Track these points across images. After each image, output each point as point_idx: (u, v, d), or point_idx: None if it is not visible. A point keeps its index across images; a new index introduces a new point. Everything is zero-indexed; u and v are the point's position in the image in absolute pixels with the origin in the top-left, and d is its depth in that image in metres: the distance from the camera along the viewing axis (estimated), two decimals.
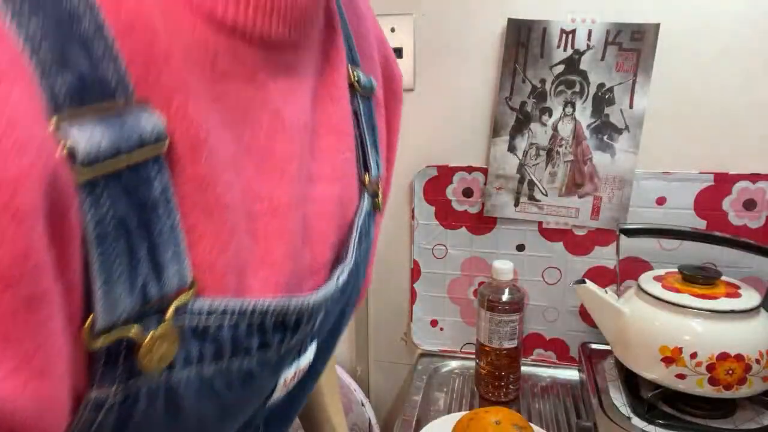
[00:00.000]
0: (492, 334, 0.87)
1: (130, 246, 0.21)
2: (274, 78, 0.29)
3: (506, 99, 0.91)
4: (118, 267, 0.21)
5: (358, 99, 0.38)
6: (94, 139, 0.19)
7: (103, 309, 0.21)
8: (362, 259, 0.38)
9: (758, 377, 0.67)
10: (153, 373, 0.23)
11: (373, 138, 0.41)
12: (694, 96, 0.85)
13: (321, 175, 0.33)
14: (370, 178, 0.39)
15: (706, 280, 0.73)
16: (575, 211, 0.92)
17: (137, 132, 0.20)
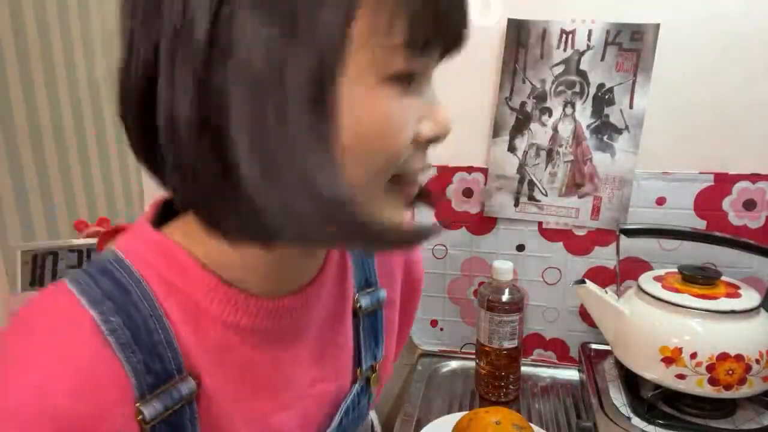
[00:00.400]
0: (492, 334, 0.87)
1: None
2: (279, 340, 0.42)
3: (506, 99, 0.91)
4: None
5: (360, 317, 0.50)
6: (156, 410, 0.34)
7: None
8: (349, 424, 0.50)
9: (758, 377, 0.67)
10: None
11: (373, 340, 0.53)
12: (695, 96, 0.85)
13: (324, 377, 0.47)
14: (362, 371, 0.51)
15: (706, 280, 0.73)
16: (575, 211, 0.92)
17: (181, 394, 0.35)
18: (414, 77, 0.35)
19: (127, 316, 0.34)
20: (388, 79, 0.33)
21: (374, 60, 0.32)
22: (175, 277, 0.36)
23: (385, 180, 0.36)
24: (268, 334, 0.40)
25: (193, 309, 0.37)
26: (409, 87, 0.35)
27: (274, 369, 0.42)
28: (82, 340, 0.32)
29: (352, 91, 0.32)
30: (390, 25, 0.31)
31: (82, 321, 0.33)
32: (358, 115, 0.33)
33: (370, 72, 0.32)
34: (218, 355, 0.38)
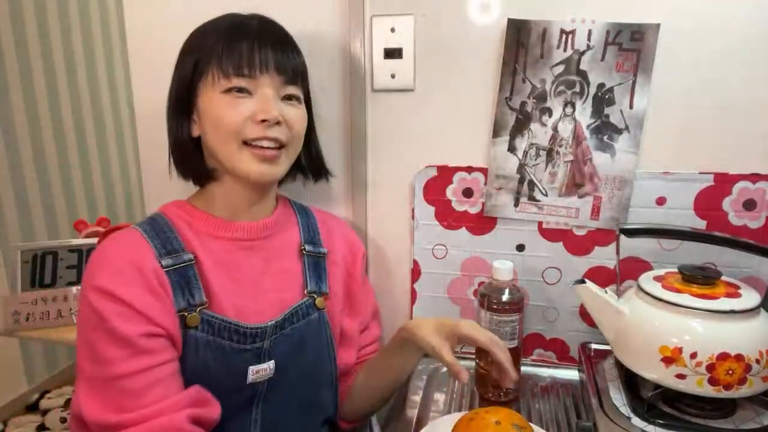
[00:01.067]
0: None
1: (182, 291, 0.73)
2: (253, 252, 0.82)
3: (506, 99, 0.91)
4: (179, 294, 0.73)
5: (305, 256, 0.86)
6: (168, 263, 0.73)
7: (178, 306, 0.72)
8: (299, 327, 0.82)
9: (758, 377, 0.67)
10: (191, 327, 0.73)
11: (316, 276, 0.87)
12: (694, 96, 0.85)
13: (276, 288, 0.82)
14: (308, 291, 0.85)
15: (706, 280, 0.73)
16: (575, 211, 0.92)
17: (183, 259, 0.75)
18: (245, 89, 0.74)
19: (153, 228, 0.76)
20: (224, 92, 0.74)
21: (213, 83, 0.74)
22: (184, 214, 0.79)
23: (237, 143, 0.75)
24: (238, 243, 0.80)
25: (194, 227, 0.79)
26: (242, 93, 0.74)
27: (241, 266, 0.80)
28: (132, 236, 0.74)
29: (207, 98, 0.75)
30: (214, 71, 0.74)
31: (133, 231, 0.75)
32: (209, 111, 0.75)
33: (214, 89, 0.74)
34: (208, 248, 0.77)
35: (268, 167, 0.76)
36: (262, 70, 0.74)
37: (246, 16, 0.79)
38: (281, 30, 0.80)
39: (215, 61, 0.74)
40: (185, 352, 0.73)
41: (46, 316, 1.26)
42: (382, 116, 0.98)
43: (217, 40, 0.75)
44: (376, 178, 1.01)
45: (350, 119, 0.98)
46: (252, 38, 0.75)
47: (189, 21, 1.00)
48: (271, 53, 0.75)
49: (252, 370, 0.76)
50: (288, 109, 0.77)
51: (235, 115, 0.73)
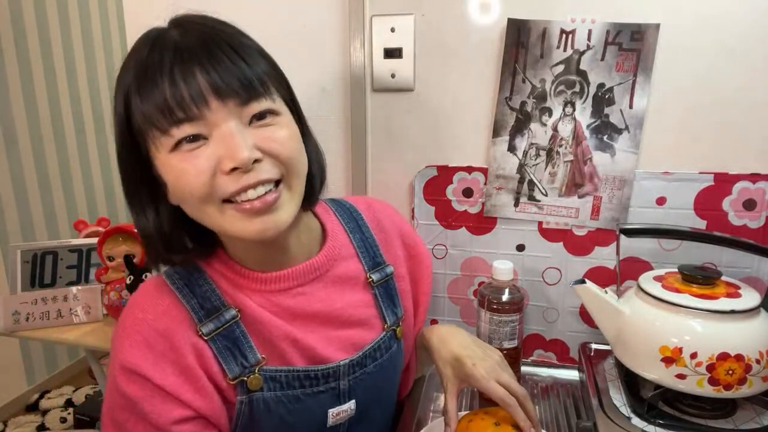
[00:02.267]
0: (492, 334, 0.87)
1: (233, 356, 0.63)
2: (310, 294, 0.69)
3: (506, 99, 0.91)
4: (230, 360, 0.62)
5: (374, 287, 0.75)
6: (210, 328, 0.62)
7: (231, 373, 0.62)
8: (383, 361, 0.74)
9: (758, 377, 0.67)
10: (255, 391, 0.63)
11: (390, 302, 0.76)
12: (695, 96, 0.85)
13: (345, 326, 0.71)
14: (387, 325, 0.75)
15: (706, 280, 0.73)
16: (575, 211, 0.92)
17: (226, 318, 0.63)
18: (195, 135, 0.55)
19: (187, 282, 0.64)
20: (171, 151, 0.56)
21: (155, 143, 0.56)
22: (220, 264, 0.66)
23: (216, 205, 0.57)
24: (287, 293, 0.67)
25: (231, 278, 0.66)
26: (194, 143, 0.55)
27: (298, 313, 0.67)
28: (166, 299, 0.63)
29: (160, 163, 0.57)
30: (150, 130, 0.56)
31: (166, 291, 0.63)
32: (166, 179, 0.58)
33: (160, 150, 0.56)
34: (255, 299, 0.65)
35: (267, 220, 0.58)
36: (199, 103, 0.54)
37: (167, 27, 0.59)
38: (214, 34, 0.58)
39: (145, 117, 0.55)
40: (255, 417, 0.64)
41: (46, 316, 1.26)
42: (382, 116, 0.98)
43: (137, 88, 0.55)
44: (376, 178, 1.01)
45: (350, 119, 0.98)
46: (168, 60, 0.54)
47: None
48: (201, 75, 0.54)
49: (332, 414, 0.68)
50: (263, 135, 0.57)
51: (195, 176, 0.55)
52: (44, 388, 2.41)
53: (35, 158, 2.35)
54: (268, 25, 0.98)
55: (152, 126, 0.55)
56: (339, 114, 0.99)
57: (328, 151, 1.04)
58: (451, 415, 0.68)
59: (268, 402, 0.64)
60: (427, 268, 0.84)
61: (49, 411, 2.25)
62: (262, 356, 0.64)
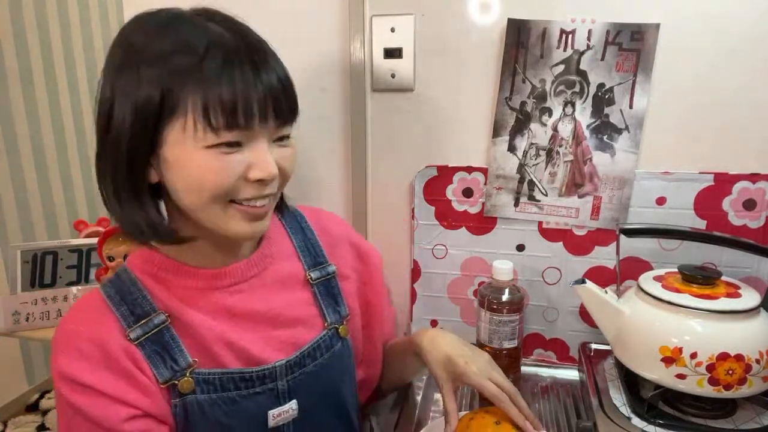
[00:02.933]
0: (492, 334, 0.87)
1: (163, 360, 0.63)
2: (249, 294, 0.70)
3: (506, 99, 0.91)
4: (160, 364, 0.63)
5: (314, 285, 0.75)
6: (138, 333, 0.62)
7: (162, 377, 0.62)
8: (324, 361, 0.73)
9: (758, 377, 0.67)
10: (187, 394, 0.63)
11: (332, 301, 0.77)
12: (695, 96, 0.85)
13: (284, 326, 0.71)
14: (328, 323, 0.75)
15: (706, 280, 0.73)
16: (575, 211, 0.92)
17: (155, 323, 0.63)
18: (236, 142, 0.58)
19: (119, 290, 0.65)
20: (207, 147, 0.57)
21: (195, 137, 0.56)
22: (153, 267, 0.66)
23: (223, 204, 0.60)
24: (225, 290, 0.68)
25: (163, 279, 0.66)
26: (232, 148, 0.58)
27: (237, 312, 0.68)
28: (94, 307, 0.64)
29: (182, 150, 0.57)
30: (195, 121, 0.56)
31: (96, 298, 0.65)
32: (185, 168, 0.58)
33: (191, 140, 0.56)
34: (188, 302, 0.66)
35: (257, 224, 0.64)
36: (261, 118, 0.58)
37: (212, 27, 0.59)
38: (264, 44, 0.62)
39: (198, 108, 0.55)
40: (191, 420, 0.64)
41: (46, 316, 1.26)
42: (382, 116, 0.98)
43: (200, 73, 0.55)
44: (376, 178, 1.01)
45: (350, 119, 0.98)
46: (249, 70, 0.57)
47: None
48: (270, 96, 0.58)
49: (272, 415, 0.68)
50: (281, 154, 0.62)
51: (224, 177, 0.58)
52: (44, 388, 2.41)
53: (35, 158, 2.35)
54: (267, 24, 0.97)
55: (207, 121, 0.55)
56: (339, 114, 0.99)
57: (328, 151, 1.04)
58: (452, 413, 0.69)
59: (202, 405, 0.64)
60: (375, 268, 0.83)
61: (49, 411, 2.26)
62: (194, 359, 0.64)
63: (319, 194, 1.03)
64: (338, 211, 1.03)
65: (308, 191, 1.03)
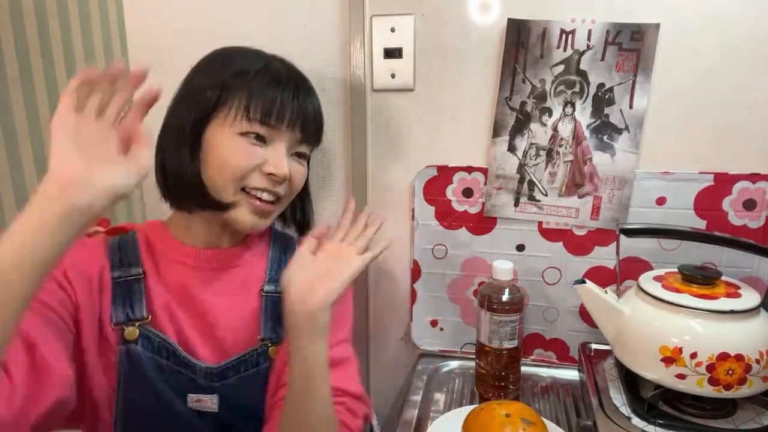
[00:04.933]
0: (492, 334, 0.87)
1: (123, 303, 0.72)
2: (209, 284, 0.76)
3: (506, 99, 0.91)
4: (119, 307, 0.71)
5: (263, 297, 0.78)
6: (116, 274, 0.73)
7: (116, 318, 0.71)
8: (248, 376, 0.75)
9: (758, 377, 0.67)
10: (131, 342, 0.71)
11: (275, 320, 0.77)
12: (694, 96, 0.85)
13: (225, 326, 0.75)
14: (261, 337, 0.76)
15: (706, 280, 0.73)
16: (575, 211, 0.92)
17: (131, 273, 0.73)
18: (263, 137, 0.71)
19: (121, 242, 0.75)
20: (240, 134, 0.70)
21: (231, 122, 0.70)
22: (151, 234, 0.77)
23: (236, 188, 0.71)
24: (191, 272, 0.75)
25: (153, 247, 0.76)
26: (258, 141, 0.71)
27: (192, 294, 0.74)
28: (98, 246, 0.75)
29: (220, 134, 0.70)
30: (237, 111, 0.70)
31: (102, 242, 0.76)
32: (218, 149, 0.70)
33: (229, 127, 0.70)
34: (159, 270, 0.74)
35: (260, 220, 0.74)
36: (288, 124, 0.71)
37: (272, 60, 0.75)
38: (308, 82, 0.77)
39: (242, 102, 0.70)
40: (126, 366, 0.70)
41: None
42: (382, 116, 0.98)
43: (250, 81, 0.71)
44: (376, 178, 1.01)
45: (350, 119, 0.98)
46: (289, 90, 0.72)
47: (189, 21, 1.00)
48: (300, 110, 0.72)
49: (191, 398, 0.73)
50: (295, 167, 0.75)
51: (244, 162, 0.70)
52: None
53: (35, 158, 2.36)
54: (268, 25, 0.98)
55: (246, 112, 0.70)
56: (339, 114, 0.99)
57: (328, 152, 1.04)
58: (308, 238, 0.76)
59: (140, 356, 0.71)
60: None
61: None
62: (148, 315, 0.72)
63: (319, 194, 1.03)
64: (338, 211, 1.03)
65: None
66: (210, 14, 0.99)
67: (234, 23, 0.99)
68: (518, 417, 0.67)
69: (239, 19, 0.98)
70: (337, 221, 0.79)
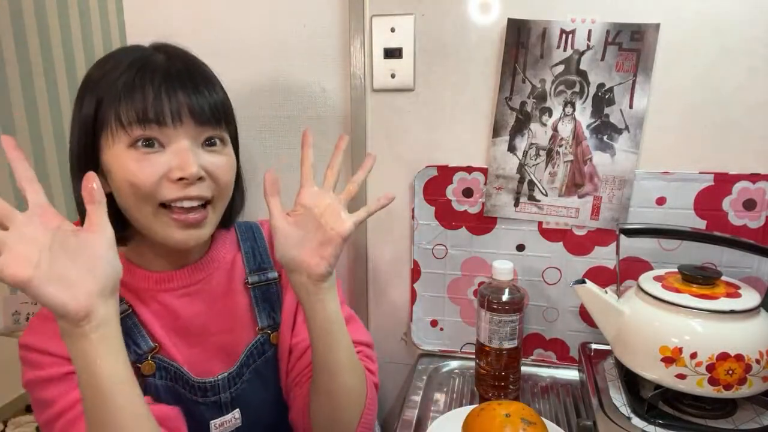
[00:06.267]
0: (492, 334, 0.87)
1: (126, 343, 0.57)
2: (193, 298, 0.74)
3: (506, 99, 0.91)
4: (127, 348, 0.57)
5: (251, 288, 0.77)
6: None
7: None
8: (257, 366, 0.77)
9: (758, 377, 0.67)
10: (148, 376, 0.69)
11: (268, 306, 0.78)
12: (694, 96, 0.85)
13: (220, 330, 0.75)
14: (260, 328, 0.77)
15: (706, 280, 0.73)
16: (575, 211, 0.92)
17: (120, 308, 0.61)
18: (153, 141, 0.62)
19: None
20: (128, 147, 0.62)
21: (114, 135, 0.62)
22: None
23: (152, 206, 0.63)
24: (172, 293, 0.72)
25: (125, 280, 0.63)
26: (151, 148, 0.62)
27: (181, 314, 0.72)
28: None
29: (112, 154, 0.63)
30: (113, 122, 0.62)
31: None
32: (115, 170, 0.63)
33: (116, 142, 0.62)
34: (143, 299, 0.71)
35: (191, 233, 0.66)
36: (174, 118, 0.62)
37: (151, 50, 0.67)
38: (193, 63, 0.68)
39: (114, 108, 0.62)
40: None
41: None
42: (382, 116, 0.98)
43: (116, 81, 0.62)
44: (376, 178, 1.01)
45: (350, 119, 0.98)
46: (157, 80, 0.62)
47: (189, 21, 1.00)
48: (182, 96, 0.63)
49: (214, 424, 0.73)
50: (210, 159, 0.66)
51: (146, 176, 0.62)
52: None
53: (35, 158, 2.35)
54: (268, 25, 0.98)
55: (120, 120, 0.62)
56: (339, 114, 0.99)
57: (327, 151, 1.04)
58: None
59: (159, 389, 0.70)
60: None
61: None
62: (155, 344, 0.70)
63: None
64: None
65: None
66: (210, 14, 0.99)
67: (234, 23, 0.99)
68: (518, 417, 0.67)
69: (239, 19, 0.99)
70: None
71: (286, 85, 0.99)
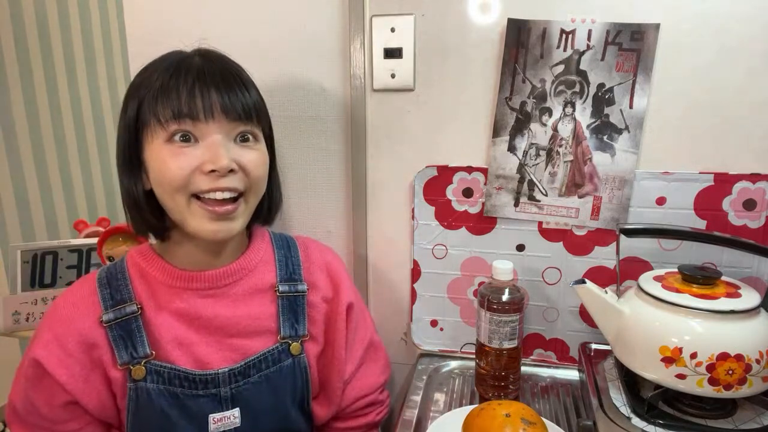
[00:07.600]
0: (492, 334, 0.87)
1: (125, 345, 0.72)
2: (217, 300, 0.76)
3: (506, 99, 0.91)
4: (122, 348, 0.72)
5: (279, 297, 0.79)
6: (110, 317, 0.72)
7: (120, 360, 0.71)
8: (271, 373, 0.78)
9: (758, 377, 0.67)
10: (139, 380, 0.72)
11: (292, 317, 0.80)
12: (694, 96, 0.85)
13: (239, 334, 0.76)
14: (281, 336, 0.79)
15: (706, 280, 0.73)
16: (575, 211, 0.92)
17: (127, 312, 0.72)
18: (189, 136, 0.67)
19: (109, 276, 0.74)
20: (165, 142, 0.67)
21: (154, 132, 0.67)
22: (142, 261, 0.75)
23: (185, 197, 0.68)
24: (197, 293, 0.74)
25: (147, 275, 0.74)
26: (186, 142, 0.67)
27: (202, 314, 0.74)
28: (85, 289, 0.74)
29: (151, 149, 0.68)
30: (152, 119, 0.67)
31: (89, 281, 0.74)
32: (154, 164, 0.68)
33: (155, 138, 0.67)
34: (159, 299, 0.73)
35: (222, 225, 0.70)
36: (207, 114, 0.67)
37: (189, 53, 0.72)
38: (228, 65, 0.72)
39: (152, 107, 0.67)
40: (141, 404, 0.72)
41: None
42: (382, 116, 0.98)
43: (154, 83, 0.68)
44: (376, 178, 1.01)
45: (350, 119, 0.98)
46: (192, 78, 0.67)
47: (189, 21, 1.00)
48: (215, 94, 0.67)
49: (213, 419, 0.74)
50: (243, 153, 0.70)
51: (179, 168, 0.66)
52: None
53: (35, 158, 2.35)
54: (268, 25, 0.98)
55: (158, 117, 0.66)
56: (339, 114, 0.99)
57: (327, 151, 1.04)
58: None
59: (150, 392, 0.72)
60: (340, 316, 0.83)
61: None
62: (152, 351, 0.72)
63: (319, 194, 1.03)
64: (338, 211, 1.03)
65: (308, 191, 1.03)
66: (210, 14, 0.99)
67: (234, 23, 0.99)
68: (518, 417, 0.67)
69: (239, 19, 0.99)
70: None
71: (286, 85, 0.99)
